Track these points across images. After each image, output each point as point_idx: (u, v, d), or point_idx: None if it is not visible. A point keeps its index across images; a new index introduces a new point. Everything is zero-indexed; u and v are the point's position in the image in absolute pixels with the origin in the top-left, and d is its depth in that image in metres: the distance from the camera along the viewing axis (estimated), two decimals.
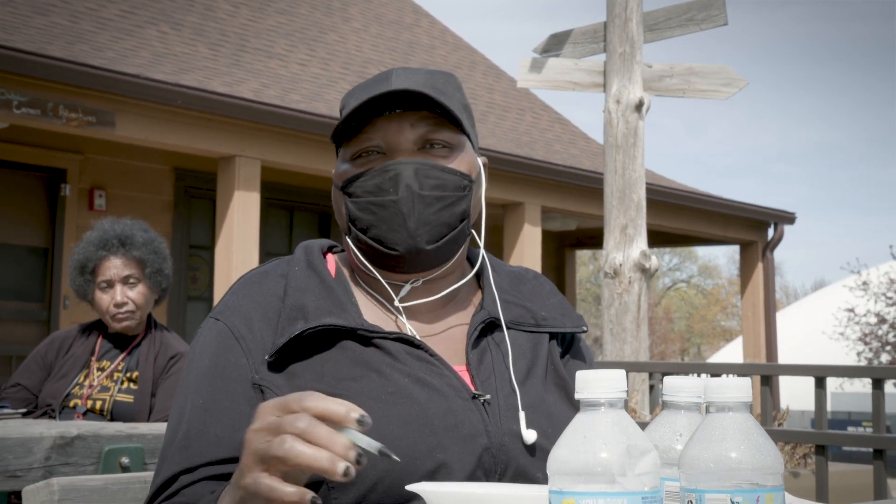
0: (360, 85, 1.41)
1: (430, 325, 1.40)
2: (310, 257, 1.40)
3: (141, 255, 3.30)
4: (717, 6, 5.99)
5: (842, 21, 66.84)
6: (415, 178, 1.33)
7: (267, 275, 1.39)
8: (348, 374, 1.28)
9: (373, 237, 1.35)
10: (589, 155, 11.51)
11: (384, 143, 1.35)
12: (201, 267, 9.10)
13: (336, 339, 1.31)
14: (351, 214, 1.36)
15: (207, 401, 1.28)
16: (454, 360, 1.36)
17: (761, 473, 0.90)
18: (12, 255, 7.94)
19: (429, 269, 1.38)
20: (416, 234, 1.33)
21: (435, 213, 1.34)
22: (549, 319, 1.44)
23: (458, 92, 1.40)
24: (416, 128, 1.35)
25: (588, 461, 0.87)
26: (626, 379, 0.92)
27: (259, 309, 1.33)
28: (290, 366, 1.29)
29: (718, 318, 36.33)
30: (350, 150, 1.38)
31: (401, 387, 1.28)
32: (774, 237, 12.16)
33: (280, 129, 7.85)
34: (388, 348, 1.31)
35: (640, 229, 6.01)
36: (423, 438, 1.24)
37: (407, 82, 1.34)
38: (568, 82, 6.17)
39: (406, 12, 12.78)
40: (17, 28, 7.22)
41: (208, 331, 1.35)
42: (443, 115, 1.35)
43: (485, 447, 1.27)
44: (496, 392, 1.33)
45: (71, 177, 8.16)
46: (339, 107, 1.43)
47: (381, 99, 1.32)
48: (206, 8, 9.69)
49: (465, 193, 1.37)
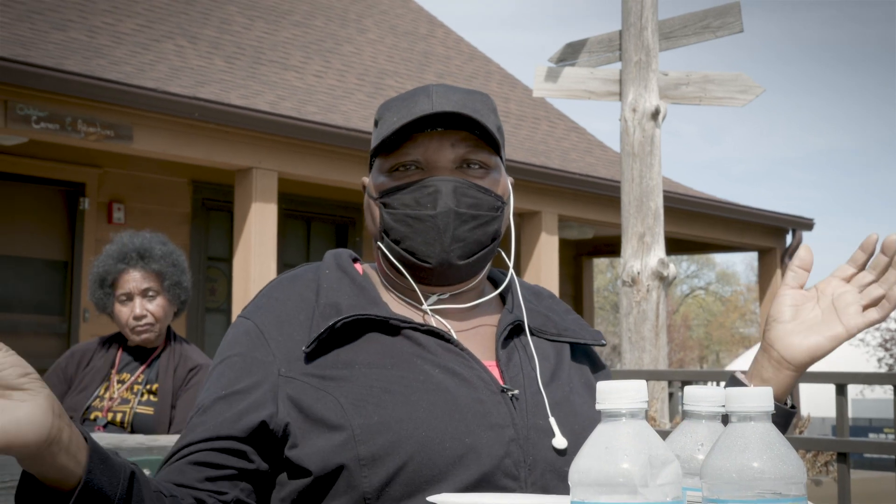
0: (397, 98, 1.44)
1: (459, 322, 1.44)
2: (339, 261, 1.45)
3: (160, 267, 3.31)
4: (733, 13, 5.98)
5: (857, 26, 66.62)
6: (453, 196, 1.37)
7: (298, 278, 1.43)
8: (379, 362, 1.32)
9: (406, 248, 1.39)
10: (605, 163, 11.49)
11: (424, 159, 1.40)
12: (219, 279, 9.13)
13: (368, 332, 1.35)
14: (386, 224, 1.41)
15: (229, 392, 1.32)
16: (483, 357, 1.40)
17: (784, 483, 0.90)
18: (32, 269, 7.99)
19: (456, 284, 1.43)
20: (450, 250, 1.38)
21: (469, 231, 1.39)
22: (569, 330, 1.49)
23: (493, 114, 1.44)
24: (456, 148, 1.40)
25: (610, 472, 0.87)
26: (646, 388, 0.92)
27: (291, 311, 1.38)
28: (321, 356, 1.33)
29: (737, 325, 36.17)
30: (388, 163, 1.42)
31: (431, 375, 1.32)
32: (793, 243, 12.11)
33: (296, 141, 7.87)
34: (420, 340, 1.35)
35: (657, 237, 6.00)
36: (453, 423, 1.28)
37: (448, 103, 1.38)
38: (584, 91, 6.16)
39: (421, 23, 12.81)
40: (36, 44, 7.28)
41: (237, 328, 1.40)
42: (481, 136, 1.40)
43: (511, 438, 1.30)
44: (524, 388, 1.36)
45: (90, 190, 8.21)
46: (375, 118, 1.47)
47: (425, 118, 1.37)
48: (223, 21, 9.74)
49: (498, 214, 1.42)
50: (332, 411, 1.27)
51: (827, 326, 1.37)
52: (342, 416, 1.27)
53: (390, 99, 1.46)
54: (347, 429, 1.26)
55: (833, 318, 1.37)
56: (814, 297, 1.40)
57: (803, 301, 1.39)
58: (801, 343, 1.38)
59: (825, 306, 1.39)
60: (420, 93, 1.41)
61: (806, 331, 1.38)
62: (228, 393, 1.32)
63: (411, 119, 1.36)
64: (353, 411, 1.27)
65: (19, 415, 0.99)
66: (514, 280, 1.50)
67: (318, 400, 1.29)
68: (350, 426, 1.26)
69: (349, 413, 1.27)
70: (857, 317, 1.37)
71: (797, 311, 1.39)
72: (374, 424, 1.26)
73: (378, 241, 1.44)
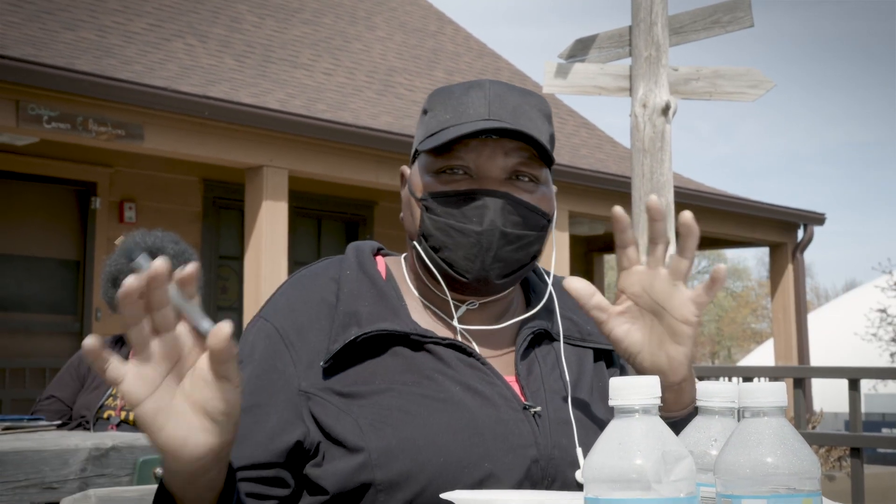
0: (449, 91, 1.38)
1: (482, 338, 1.39)
2: (361, 259, 1.40)
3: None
4: (743, 8, 5.96)
5: (873, 19, 66.33)
6: (501, 214, 1.32)
7: (318, 277, 1.38)
8: (399, 378, 1.29)
9: (444, 258, 1.34)
10: (616, 159, 11.47)
11: (474, 166, 1.34)
12: (231, 277, 9.14)
13: (388, 345, 1.31)
14: (426, 230, 1.35)
15: (253, 405, 1.28)
16: (505, 371, 1.36)
17: (798, 478, 0.90)
18: (44, 268, 8.01)
19: (489, 296, 1.39)
20: (489, 269, 1.33)
21: (512, 252, 1.34)
22: (593, 335, 1.44)
23: (547, 122, 1.39)
24: (509, 158, 1.34)
25: (623, 468, 0.87)
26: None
27: (311, 314, 1.33)
28: (341, 372, 1.29)
29: (748, 321, 36.08)
30: (436, 164, 1.36)
31: (452, 394, 1.28)
32: (804, 238, 12.07)
33: (307, 139, 7.88)
34: (441, 354, 1.32)
35: (668, 233, 5.98)
36: (472, 447, 1.24)
37: (505, 110, 1.33)
38: (594, 87, 6.15)
39: (430, 20, 12.80)
40: (46, 44, 7.30)
41: (258, 331, 1.35)
42: (536, 147, 1.34)
43: (534, 459, 1.27)
44: (546, 404, 1.32)
45: (101, 190, 8.23)
46: (424, 107, 1.41)
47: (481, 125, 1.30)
48: (232, 20, 9.75)
49: (543, 234, 1.37)
50: (350, 432, 1.25)
51: (670, 334, 1.28)
52: (360, 438, 1.24)
53: (442, 89, 1.40)
54: (365, 452, 1.24)
55: (667, 320, 1.28)
56: (633, 309, 1.30)
57: (630, 320, 1.30)
58: (663, 363, 1.28)
59: (650, 307, 1.29)
60: (475, 91, 1.36)
61: (658, 349, 1.28)
62: (251, 405, 1.28)
63: (469, 131, 1.30)
64: (372, 433, 1.24)
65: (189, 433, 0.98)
66: (553, 294, 1.44)
67: (339, 420, 1.26)
68: (367, 449, 1.24)
69: (367, 435, 1.24)
70: (687, 306, 1.27)
71: (633, 332, 1.29)
72: (393, 449, 1.23)
73: (414, 242, 1.39)
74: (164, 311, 0.98)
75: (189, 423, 0.97)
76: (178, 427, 0.97)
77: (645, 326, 1.30)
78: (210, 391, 0.97)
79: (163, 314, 0.98)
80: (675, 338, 1.27)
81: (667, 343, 1.28)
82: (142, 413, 0.97)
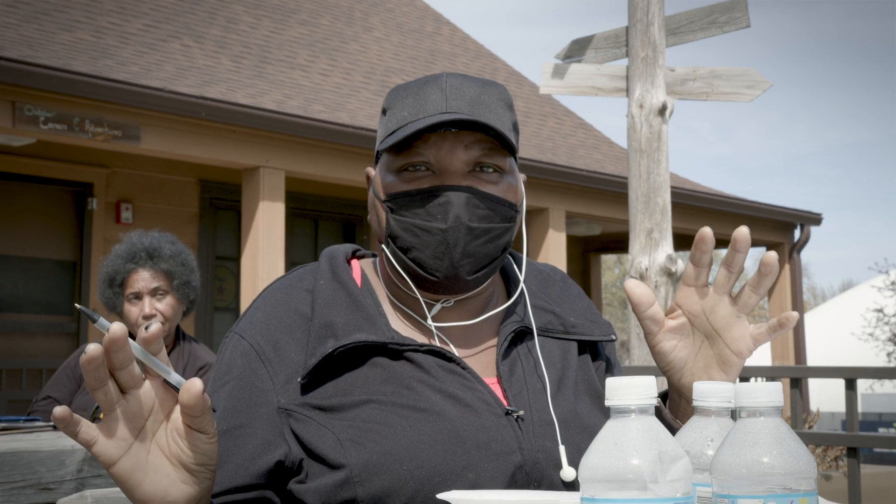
0: (407, 88, 1.36)
1: (461, 335, 1.37)
2: (334, 267, 1.38)
3: (169, 267, 3.32)
4: (740, 8, 5.97)
5: (873, 19, 66.39)
6: (465, 209, 1.30)
7: (292, 288, 1.36)
8: (379, 389, 1.27)
9: (413, 259, 1.32)
10: (612, 159, 11.48)
11: (436, 161, 1.32)
12: (227, 278, 9.14)
13: (366, 356, 1.29)
14: (392, 231, 1.33)
15: (232, 426, 1.27)
16: (486, 373, 1.34)
17: (794, 478, 0.90)
18: (41, 269, 8.01)
19: (463, 293, 1.36)
20: (459, 265, 1.31)
21: (480, 245, 1.31)
22: (577, 326, 1.42)
23: (508, 110, 1.36)
24: (470, 150, 1.32)
25: (620, 468, 0.87)
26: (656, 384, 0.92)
27: (286, 328, 1.31)
28: (319, 386, 1.28)
29: None
30: (397, 162, 1.34)
31: (432, 403, 1.26)
32: (801, 238, 12.08)
33: (303, 140, 7.88)
34: (420, 362, 1.29)
35: (665, 233, 5.99)
36: (455, 458, 1.22)
37: (463, 101, 1.31)
38: (590, 87, 6.16)
39: (427, 21, 12.80)
40: (43, 45, 7.29)
41: (234, 349, 1.33)
42: (497, 137, 1.32)
43: (518, 465, 1.25)
44: (529, 406, 1.30)
45: (98, 190, 8.23)
46: (383, 106, 1.39)
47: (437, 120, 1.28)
48: (229, 21, 9.74)
49: (511, 224, 1.35)
50: (331, 448, 1.23)
51: (719, 362, 1.26)
52: (341, 454, 1.23)
53: (399, 87, 1.37)
54: (346, 468, 1.22)
55: (719, 347, 1.26)
56: (687, 327, 1.27)
57: (680, 336, 1.27)
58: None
59: (705, 330, 1.26)
60: (432, 86, 1.33)
61: (702, 371, 1.27)
62: (231, 427, 1.27)
63: (425, 126, 1.28)
64: (352, 448, 1.23)
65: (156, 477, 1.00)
66: (524, 289, 1.42)
67: (319, 437, 1.24)
68: (348, 465, 1.22)
69: (348, 450, 1.23)
70: (745, 341, 1.25)
71: (679, 349, 1.27)
72: (373, 464, 1.21)
73: (383, 245, 1.37)
74: (128, 370, 1.00)
75: (167, 476, 1.00)
76: (157, 482, 0.99)
77: (693, 346, 1.27)
78: (185, 443, 1.00)
79: (128, 372, 1.00)
80: (724, 366, 1.26)
81: (713, 368, 1.26)
82: (117, 472, 0.99)
